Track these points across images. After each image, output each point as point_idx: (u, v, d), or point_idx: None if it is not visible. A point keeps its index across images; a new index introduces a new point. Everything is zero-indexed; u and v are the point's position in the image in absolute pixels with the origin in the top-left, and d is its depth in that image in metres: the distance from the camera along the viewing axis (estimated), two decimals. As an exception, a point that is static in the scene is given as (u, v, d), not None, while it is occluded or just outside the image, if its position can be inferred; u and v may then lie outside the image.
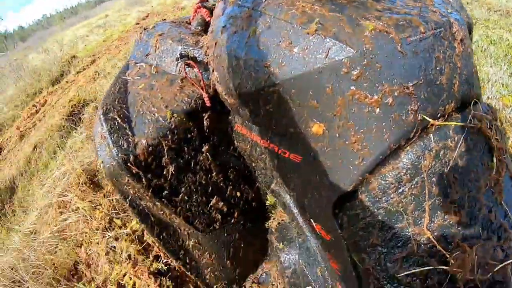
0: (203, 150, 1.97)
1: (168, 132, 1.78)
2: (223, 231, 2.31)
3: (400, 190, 1.02)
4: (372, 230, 1.09)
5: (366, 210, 1.09)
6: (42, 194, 4.67)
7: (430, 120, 1.00)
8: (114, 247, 3.30)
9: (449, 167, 1.01)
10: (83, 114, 6.50)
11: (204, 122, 1.94)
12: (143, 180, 1.79)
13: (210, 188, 2.08)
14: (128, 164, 1.72)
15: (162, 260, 3.11)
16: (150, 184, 1.82)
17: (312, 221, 1.48)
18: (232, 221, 2.30)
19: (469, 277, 0.98)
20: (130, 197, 1.93)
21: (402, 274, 1.04)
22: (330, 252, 1.46)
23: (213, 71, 1.61)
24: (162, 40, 2.06)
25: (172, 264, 3.09)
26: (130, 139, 1.73)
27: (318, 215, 1.39)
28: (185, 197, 1.99)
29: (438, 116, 1.03)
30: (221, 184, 2.13)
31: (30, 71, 12.08)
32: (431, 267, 1.01)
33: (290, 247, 2.21)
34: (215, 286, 2.57)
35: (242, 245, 2.49)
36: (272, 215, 2.49)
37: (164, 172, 1.85)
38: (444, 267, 1.00)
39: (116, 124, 1.75)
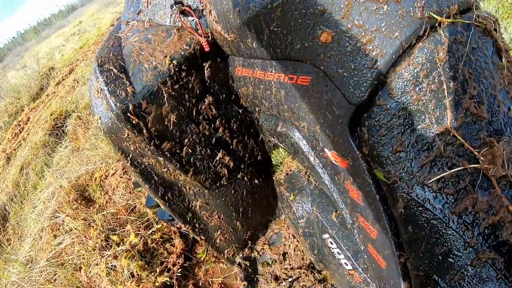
0: (205, 101, 1.92)
1: (167, 79, 1.74)
2: (230, 188, 2.28)
3: (419, 87, 0.98)
4: (395, 135, 1.04)
5: (386, 114, 1.04)
6: (34, 218, 4.50)
7: (437, 17, 0.96)
8: (115, 266, 3.11)
9: (463, 61, 0.98)
10: (66, 126, 6.31)
11: (205, 72, 1.89)
12: (144, 131, 1.74)
13: (214, 141, 2.04)
14: (128, 114, 1.67)
15: (168, 272, 2.98)
16: (152, 135, 1.78)
17: (327, 150, 1.43)
18: (239, 176, 2.27)
19: (501, 173, 0.95)
20: (131, 154, 1.89)
21: (433, 179, 0.99)
22: (348, 181, 1.39)
23: (209, 12, 1.60)
24: None
25: (176, 276, 2.94)
26: (128, 88, 1.69)
27: (333, 140, 1.33)
28: (189, 150, 1.95)
29: (443, 15, 0.98)
30: (225, 137, 2.09)
31: (9, 90, 11.86)
32: (461, 167, 0.96)
33: (302, 195, 2.20)
34: (226, 251, 2.56)
35: (250, 204, 2.47)
36: (279, 168, 2.47)
37: (166, 122, 1.81)
38: (475, 165, 0.96)
39: (113, 74, 1.71)
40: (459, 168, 0.96)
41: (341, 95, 1.14)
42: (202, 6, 1.77)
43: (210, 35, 1.81)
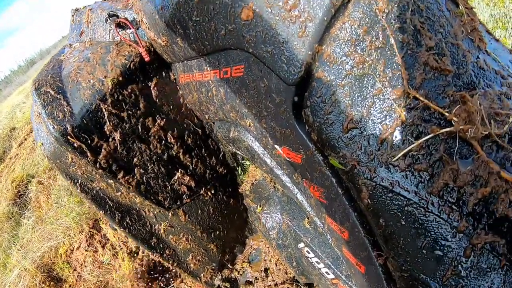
0: (152, 116, 1.86)
1: (106, 96, 1.68)
2: (193, 206, 2.18)
3: (361, 46, 0.84)
4: (343, 109, 0.89)
5: (328, 87, 0.90)
6: None
7: None
8: None
9: (410, 10, 0.83)
10: (28, 194, 5.89)
11: (152, 92, 1.85)
12: (88, 153, 1.67)
13: (168, 158, 1.97)
14: (68, 137, 1.60)
15: None
16: (96, 157, 1.71)
17: (277, 147, 1.30)
18: (202, 192, 2.18)
19: (482, 132, 0.77)
20: (79, 180, 1.81)
21: (398, 156, 0.82)
22: (306, 178, 1.23)
23: (142, 20, 1.60)
24: (93, 13, 2.01)
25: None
26: (65, 109, 1.63)
27: (281, 133, 1.20)
28: (141, 170, 1.87)
29: None
30: (180, 154, 2.02)
31: (-28, 157, 11.28)
32: (431, 135, 0.79)
33: (269, 205, 2.08)
34: (202, 274, 2.44)
35: (220, 221, 2.36)
36: (244, 180, 2.35)
37: (110, 141, 1.73)
38: (448, 129, 0.79)
39: (50, 96, 1.66)
40: (429, 136, 0.80)
41: (277, 77, 1.05)
42: (138, 17, 1.74)
43: (149, 45, 1.78)
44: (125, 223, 1.99)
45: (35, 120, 1.75)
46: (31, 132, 9.93)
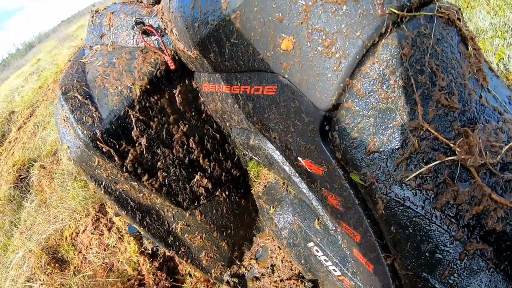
0: (176, 122, 1.92)
1: (134, 102, 1.72)
2: (209, 207, 2.27)
3: (386, 84, 0.99)
4: (367, 136, 1.04)
5: (355, 116, 1.04)
6: (8, 287, 4.07)
7: (398, 12, 0.96)
8: None
9: (428, 54, 0.99)
10: (30, 178, 5.88)
11: (177, 99, 1.90)
12: (115, 157, 1.72)
13: (189, 162, 2.04)
14: (97, 142, 1.65)
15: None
16: (123, 161, 1.76)
17: (300, 159, 1.42)
18: (217, 193, 2.27)
19: (479, 162, 0.95)
20: (104, 182, 1.86)
21: (410, 177, 0.99)
22: (325, 188, 1.38)
23: (171, 31, 1.62)
24: (115, 17, 2.02)
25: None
26: (94, 114, 1.67)
27: (306, 148, 1.32)
28: (163, 173, 1.93)
29: (404, 10, 0.97)
30: (200, 158, 2.09)
31: (-30, 141, 11.18)
32: (438, 161, 0.97)
33: (282, 207, 2.19)
34: (213, 270, 2.54)
35: (232, 220, 2.46)
36: (256, 181, 2.45)
37: (137, 146, 1.79)
38: (452, 158, 0.97)
39: (78, 101, 1.69)
40: (436, 162, 0.97)
41: (308, 101, 1.14)
42: (164, 25, 1.78)
43: (174, 53, 1.81)
44: (145, 222, 2.05)
45: (61, 124, 1.76)
46: (30, 116, 9.87)
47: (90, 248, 3.60)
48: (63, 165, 5.14)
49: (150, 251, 3.27)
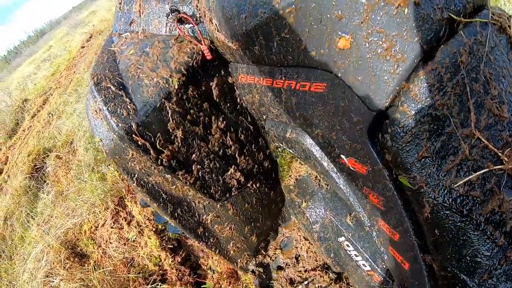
0: (212, 114, 1.87)
1: (171, 94, 1.66)
2: (239, 198, 2.24)
3: (443, 91, 0.97)
4: (420, 141, 1.02)
5: (410, 120, 1.01)
6: (26, 280, 4.06)
7: (456, 17, 0.95)
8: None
9: (483, 62, 0.98)
10: (46, 168, 5.85)
11: (213, 92, 1.84)
12: (151, 151, 1.68)
13: (223, 154, 2.00)
14: (132, 135, 1.60)
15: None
16: (159, 154, 1.72)
17: (343, 156, 1.42)
18: (249, 185, 2.24)
19: None
20: (136, 174, 1.84)
21: (459, 183, 1.00)
22: (367, 186, 1.39)
23: (210, 21, 1.56)
24: (146, 3, 1.96)
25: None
26: (129, 106, 1.62)
27: (351, 147, 1.31)
28: (198, 166, 1.91)
29: (461, 15, 0.97)
30: (234, 149, 2.04)
31: (-18, 129, 11.25)
32: (487, 169, 0.98)
33: (314, 201, 2.18)
34: (239, 260, 2.55)
35: (260, 211, 2.44)
36: (287, 174, 2.41)
37: (172, 139, 1.74)
38: (500, 166, 0.98)
39: (111, 92, 1.64)
40: (484, 170, 0.98)
41: (359, 101, 1.12)
42: (199, 13, 1.70)
43: (210, 42, 1.74)
44: (176, 214, 2.02)
45: (93, 115, 1.72)
46: (43, 104, 9.89)
47: (110, 243, 3.56)
48: (79, 155, 5.08)
49: (171, 246, 3.20)
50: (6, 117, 10.99)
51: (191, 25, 1.75)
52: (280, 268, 2.62)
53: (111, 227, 3.63)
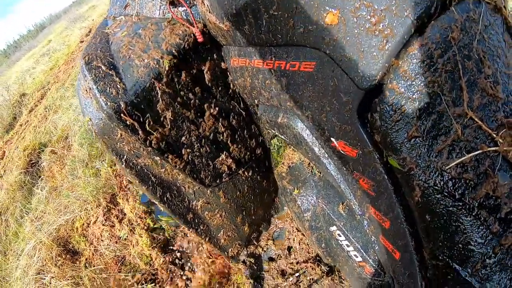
0: (203, 96, 1.87)
1: (162, 75, 1.67)
2: (230, 184, 2.25)
3: (434, 68, 0.94)
4: (410, 120, 1.00)
5: (399, 98, 1.00)
6: (19, 277, 4.06)
7: None
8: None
9: (476, 40, 0.96)
10: (41, 163, 5.82)
11: (205, 76, 1.85)
12: (139, 131, 1.69)
13: (214, 138, 2.01)
14: (120, 114, 1.61)
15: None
16: (147, 135, 1.72)
17: (334, 139, 1.40)
18: (240, 172, 2.25)
19: None
20: (125, 156, 1.85)
21: (451, 165, 0.96)
22: (357, 171, 1.36)
23: (202, 2, 1.57)
24: None
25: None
26: (118, 85, 1.62)
27: (341, 128, 1.30)
28: (188, 149, 1.91)
29: None
30: (225, 134, 2.05)
31: (-19, 125, 11.23)
32: (480, 151, 0.95)
33: (306, 188, 2.17)
34: (230, 249, 2.55)
35: (252, 200, 2.44)
36: (280, 161, 2.41)
37: (161, 120, 1.75)
38: (494, 148, 0.95)
39: (101, 72, 1.65)
40: (478, 152, 0.95)
41: (348, 79, 1.11)
42: None
43: (203, 25, 1.76)
44: (165, 198, 2.03)
45: (83, 94, 1.72)
46: (41, 99, 9.86)
47: (101, 240, 3.55)
48: (74, 151, 5.05)
49: (162, 245, 3.18)
50: (4, 111, 10.95)
51: (184, 8, 1.76)
52: (271, 259, 2.62)
53: (103, 225, 3.61)
